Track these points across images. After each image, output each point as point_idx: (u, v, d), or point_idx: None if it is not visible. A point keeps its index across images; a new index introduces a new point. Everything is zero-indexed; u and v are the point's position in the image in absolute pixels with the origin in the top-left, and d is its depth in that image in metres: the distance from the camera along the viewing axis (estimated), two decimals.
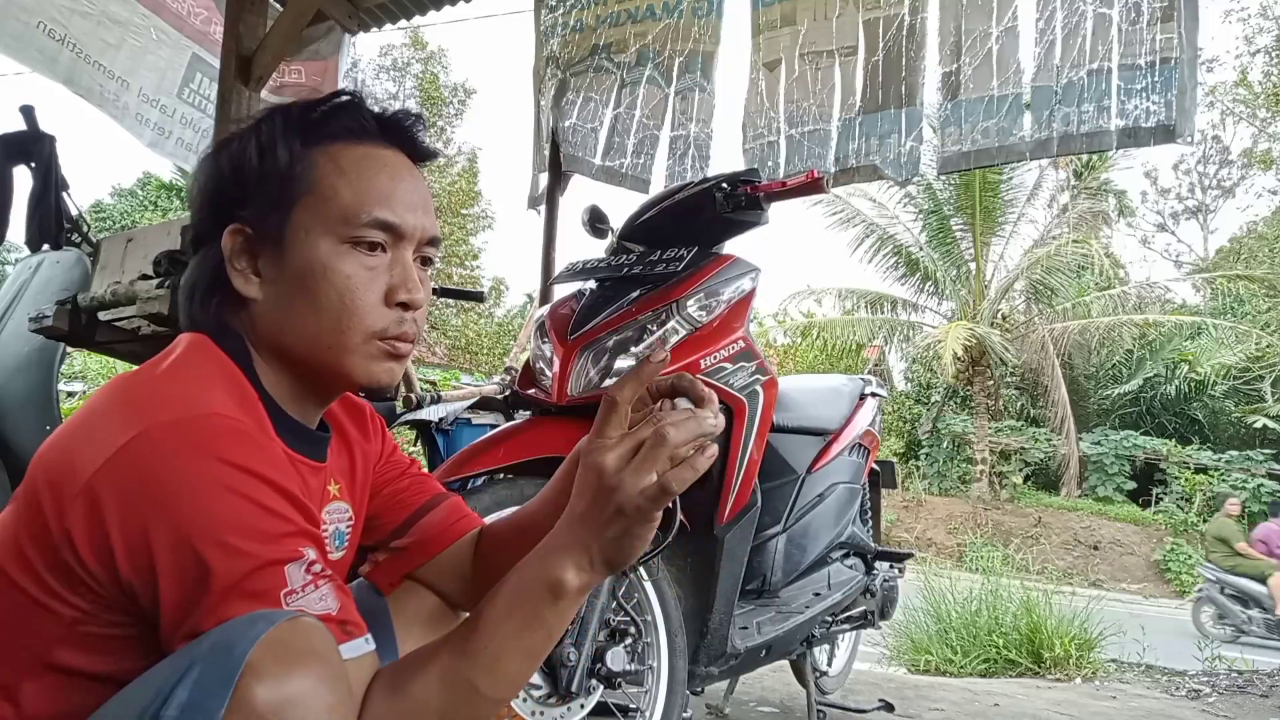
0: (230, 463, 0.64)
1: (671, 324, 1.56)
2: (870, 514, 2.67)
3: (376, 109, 0.81)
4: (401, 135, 0.82)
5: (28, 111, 3.11)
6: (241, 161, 0.78)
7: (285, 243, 0.76)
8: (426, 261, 0.83)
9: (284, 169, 0.76)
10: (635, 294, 1.62)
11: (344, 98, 0.81)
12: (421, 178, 0.83)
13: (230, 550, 0.61)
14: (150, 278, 2.20)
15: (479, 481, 1.55)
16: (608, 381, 1.54)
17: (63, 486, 0.64)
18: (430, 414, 2.57)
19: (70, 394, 11.18)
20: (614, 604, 1.47)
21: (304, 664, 0.57)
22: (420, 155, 0.84)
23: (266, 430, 0.74)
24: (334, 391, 0.83)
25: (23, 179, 3.15)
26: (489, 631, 0.67)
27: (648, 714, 1.50)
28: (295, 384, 0.79)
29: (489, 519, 1.03)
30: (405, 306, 0.78)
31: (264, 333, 0.78)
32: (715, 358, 1.58)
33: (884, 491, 2.90)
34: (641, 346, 1.55)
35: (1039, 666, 4.18)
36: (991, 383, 15.88)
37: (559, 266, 2.01)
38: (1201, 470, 15.13)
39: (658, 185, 3.56)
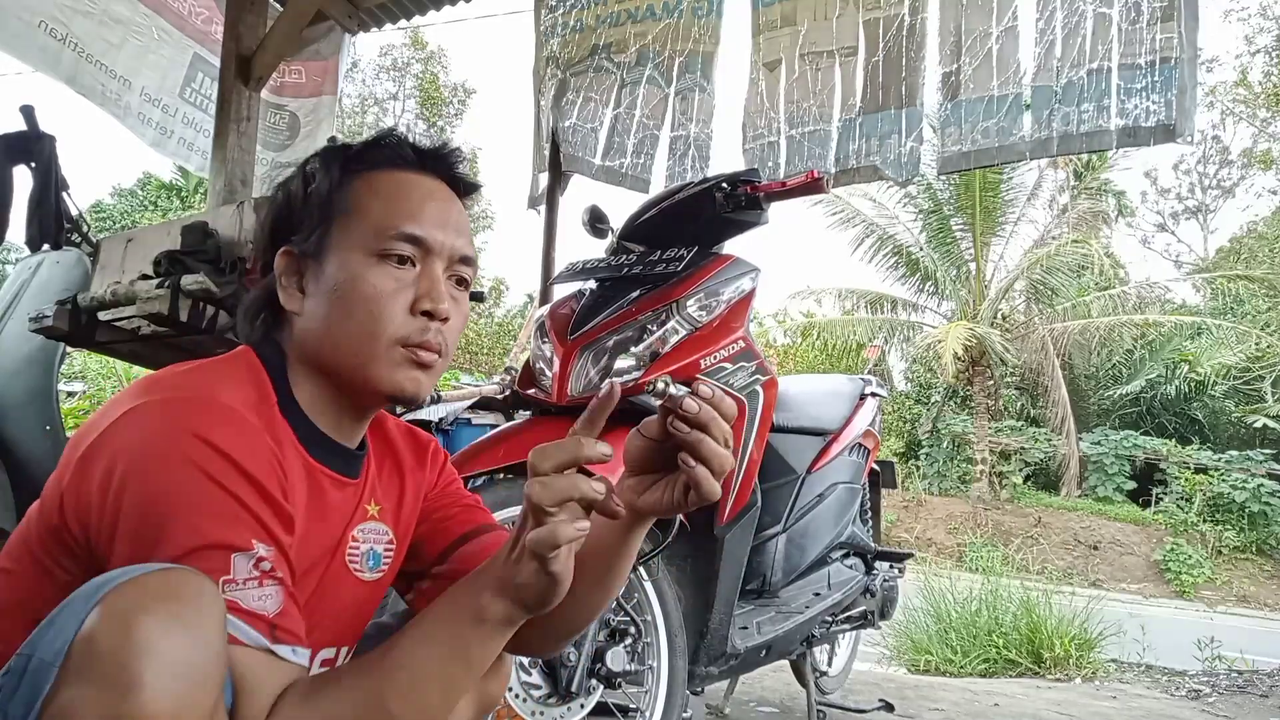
0: (206, 442, 0.66)
1: (671, 324, 1.56)
2: (870, 514, 2.67)
3: (421, 142, 0.86)
4: (439, 165, 0.86)
5: (28, 111, 3.10)
6: (293, 194, 0.85)
7: (324, 259, 0.81)
8: (462, 283, 0.85)
9: (326, 193, 0.83)
10: (635, 294, 1.62)
11: (387, 133, 0.87)
12: (458, 203, 0.87)
13: (180, 524, 0.63)
14: (150, 278, 2.20)
15: (479, 481, 1.55)
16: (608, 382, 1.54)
17: (71, 453, 0.70)
18: (430, 414, 2.57)
19: (70, 394, 11.15)
20: (614, 604, 1.47)
21: (158, 606, 0.55)
22: (463, 188, 0.89)
23: (278, 433, 0.76)
24: (365, 402, 0.84)
25: (23, 179, 3.14)
26: (410, 653, 0.67)
27: (648, 714, 1.50)
28: (329, 397, 0.82)
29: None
30: (430, 316, 0.80)
31: (301, 344, 0.82)
32: (715, 358, 1.58)
33: (884, 491, 2.90)
34: (641, 346, 1.55)
35: (1039, 666, 4.18)
36: (991, 383, 15.87)
37: (559, 266, 2.01)
38: (1201, 470, 15.12)
39: (658, 185, 3.56)
